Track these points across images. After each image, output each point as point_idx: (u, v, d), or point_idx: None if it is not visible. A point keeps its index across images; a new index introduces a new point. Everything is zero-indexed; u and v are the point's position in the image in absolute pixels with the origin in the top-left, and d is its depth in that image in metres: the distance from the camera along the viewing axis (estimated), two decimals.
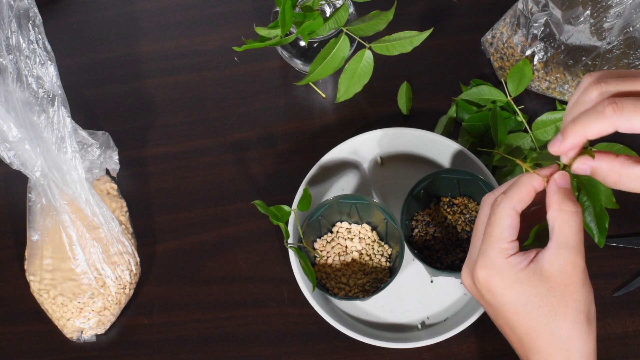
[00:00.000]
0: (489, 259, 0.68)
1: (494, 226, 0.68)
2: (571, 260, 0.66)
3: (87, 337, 0.93)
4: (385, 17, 0.89)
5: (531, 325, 0.67)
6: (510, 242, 0.68)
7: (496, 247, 0.68)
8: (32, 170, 0.87)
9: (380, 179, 0.97)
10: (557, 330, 0.67)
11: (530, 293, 0.67)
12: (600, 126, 0.64)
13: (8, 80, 0.85)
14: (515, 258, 0.68)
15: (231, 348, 0.93)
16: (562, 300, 0.67)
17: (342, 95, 0.93)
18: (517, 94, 0.95)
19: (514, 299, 0.67)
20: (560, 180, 0.68)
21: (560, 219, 0.67)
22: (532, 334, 0.68)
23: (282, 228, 0.86)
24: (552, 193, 0.68)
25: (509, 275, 0.67)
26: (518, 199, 0.68)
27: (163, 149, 1.01)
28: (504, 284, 0.68)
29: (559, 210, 0.67)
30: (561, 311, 0.67)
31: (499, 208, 0.68)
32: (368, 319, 0.92)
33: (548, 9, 0.91)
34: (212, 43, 1.05)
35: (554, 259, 0.66)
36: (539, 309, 0.67)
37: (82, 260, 0.90)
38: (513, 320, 0.68)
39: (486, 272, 0.68)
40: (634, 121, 0.62)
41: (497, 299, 0.69)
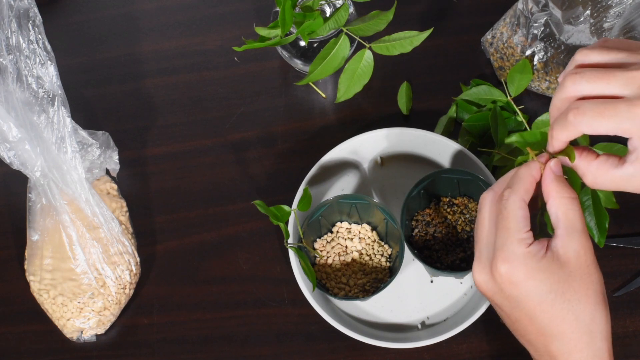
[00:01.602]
0: (510, 251, 0.69)
1: (509, 219, 0.69)
2: (583, 243, 0.68)
3: (87, 337, 0.93)
4: (385, 17, 0.89)
5: (555, 312, 0.68)
6: (527, 232, 0.69)
7: (515, 239, 0.69)
8: (32, 170, 0.87)
9: (380, 179, 0.97)
10: (581, 314, 0.68)
11: (553, 280, 0.68)
12: (567, 132, 0.65)
13: (8, 80, 0.85)
14: (534, 247, 0.69)
15: (231, 348, 0.93)
16: (583, 283, 0.68)
17: (342, 95, 0.93)
18: (517, 94, 0.95)
19: (537, 287, 0.68)
20: (555, 168, 0.69)
21: (564, 206, 0.68)
22: (556, 319, 0.68)
23: (282, 228, 0.86)
24: (550, 181, 0.69)
25: (531, 264, 0.68)
26: (524, 190, 0.70)
27: (163, 149, 1.01)
28: (528, 274, 0.68)
29: (560, 197, 0.68)
30: (583, 294, 0.68)
31: (509, 202, 0.69)
32: (368, 319, 0.92)
33: (548, 9, 0.91)
34: (212, 43, 1.05)
35: (568, 244, 0.68)
36: (562, 294, 0.68)
37: (82, 260, 0.90)
38: (536, 309, 0.69)
39: (508, 265, 0.69)
40: (596, 126, 0.63)
41: (520, 290, 0.69)
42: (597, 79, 0.64)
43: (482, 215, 0.72)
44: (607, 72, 0.64)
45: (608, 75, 0.63)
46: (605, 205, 0.92)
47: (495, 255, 0.69)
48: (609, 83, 0.63)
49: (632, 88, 0.62)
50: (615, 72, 0.63)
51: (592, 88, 0.64)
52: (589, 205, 0.92)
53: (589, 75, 0.64)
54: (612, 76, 0.63)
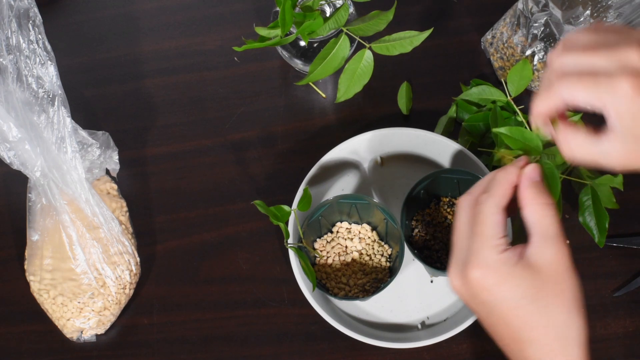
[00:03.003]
0: (483, 258, 0.69)
1: (484, 224, 0.69)
2: (557, 249, 0.67)
3: (87, 337, 0.93)
4: (385, 17, 0.89)
5: (528, 317, 0.68)
6: (501, 238, 0.69)
7: (488, 245, 0.69)
8: (32, 170, 0.87)
9: (380, 179, 0.97)
10: (553, 320, 0.68)
11: (526, 286, 0.68)
12: (548, 98, 0.65)
13: (8, 80, 0.85)
14: (507, 254, 0.68)
15: (231, 348, 0.93)
16: (556, 290, 0.68)
17: (342, 95, 0.93)
18: (517, 94, 0.95)
19: (510, 293, 0.68)
20: (531, 173, 0.69)
21: (538, 213, 0.68)
22: (529, 326, 0.69)
23: (282, 228, 0.86)
24: (525, 187, 0.69)
25: (504, 271, 0.68)
26: (500, 195, 0.69)
27: (163, 149, 1.01)
28: (500, 280, 0.68)
29: (535, 204, 0.68)
30: (556, 301, 0.68)
31: (484, 206, 0.69)
32: (368, 319, 0.92)
33: (548, 9, 0.91)
34: (212, 43, 1.05)
35: (541, 251, 0.68)
36: (535, 301, 0.68)
37: (82, 260, 0.90)
38: (509, 315, 0.69)
39: (481, 271, 0.69)
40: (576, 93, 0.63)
41: (493, 296, 0.69)
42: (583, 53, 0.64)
43: (459, 219, 0.72)
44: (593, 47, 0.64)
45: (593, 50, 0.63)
46: (605, 205, 0.92)
47: (469, 261, 0.70)
48: (593, 57, 0.63)
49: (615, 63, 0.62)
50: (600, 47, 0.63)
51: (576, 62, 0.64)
52: (589, 205, 0.92)
53: (575, 51, 0.64)
54: (596, 51, 0.63)
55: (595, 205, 0.91)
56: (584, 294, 0.93)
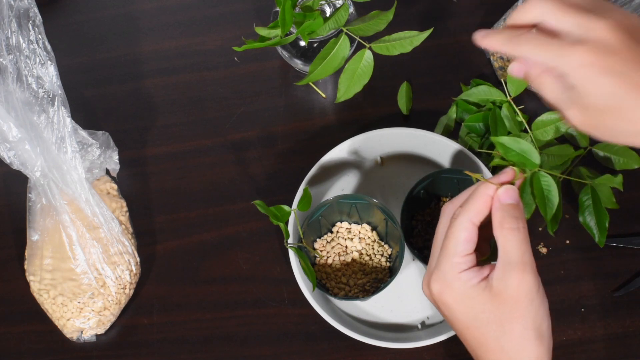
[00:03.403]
0: (442, 273, 0.69)
1: (450, 239, 0.69)
2: (517, 277, 0.67)
3: (87, 337, 0.93)
4: (385, 17, 0.89)
5: (482, 339, 0.69)
6: (464, 257, 0.69)
7: (449, 262, 0.69)
8: (32, 170, 0.87)
9: (380, 179, 0.97)
10: (506, 346, 0.68)
11: (479, 309, 0.68)
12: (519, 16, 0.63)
13: (8, 80, 0.85)
14: (467, 274, 0.68)
15: (231, 348, 0.93)
16: (510, 316, 0.67)
17: (342, 95, 0.93)
18: (517, 94, 0.95)
19: (464, 313, 0.68)
20: (503, 196, 0.68)
21: (502, 237, 0.68)
22: (482, 348, 0.69)
23: (282, 228, 0.86)
24: (495, 210, 0.68)
25: (460, 290, 0.69)
26: (475, 211, 0.69)
27: (163, 149, 1.01)
28: (454, 299, 0.69)
29: (501, 228, 0.68)
30: (509, 327, 0.67)
31: (456, 221, 0.69)
32: (368, 319, 0.92)
33: None
34: (212, 43, 1.05)
35: (502, 277, 0.68)
36: (487, 324, 0.68)
37: (82, 260, 0.90)
38: (465, 333, 0.70)
39: (438, 285, 0.70)
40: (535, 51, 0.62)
41: (449, 312, 0.70)
42: (556, 8, 0.62)
43: (438, 226, 0.72)
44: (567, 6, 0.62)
45: (566, 9, 0.61)
46: (605, 205, 0.92)
47: (433, 272, 0.70)
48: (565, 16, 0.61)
49: (582, 30, 0.60)
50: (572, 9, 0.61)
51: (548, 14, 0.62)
52: (589, 205, 0.92)
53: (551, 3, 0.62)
54: (569, 12, 0.61)
55: (595, 205, 0.91)
56: (584, 294, 0.93)
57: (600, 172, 0.93)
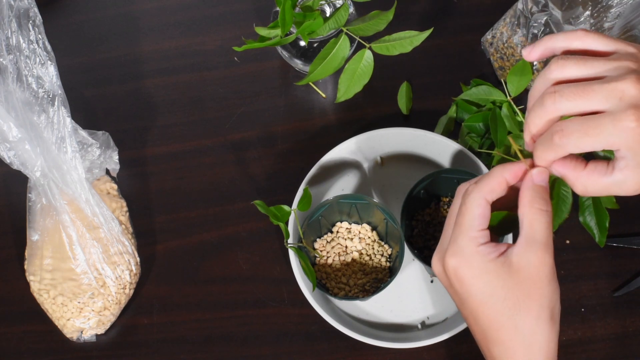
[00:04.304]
0: (459, 247, 0.69)
1: (464, 215, 0.69)
2: (539, 256, 0.67)
3: (87, 337, 0.93)
4: (385, 17, 0.89)
5: (495, 317, 0.68)
6: (480, 231, 0.69)
7: (466, 236, 0.69)
8: (32, 170, 0.87)
9: (380, 179, 0.97)
10: (520, 324, 0.67)
11: (497, 285, 0.67)
12: (554, 153, 0.65)
13: (8, 80, 0.85)
14: (485, 248, 0.68)
15: (231, 348, 0.93)
16: (528, 294, 0.67)
17: (342, 95, 0.93)
18: (517, 94, 0.95)
19: (480, 289, 0.68)
20: (537, 177, 0.68)
21: (531, 215, 0.67)
22: (495, 325, 0.68)
23: (282, 228, 0.86)
24: (526, 188, 0.68)
25: (478, 264, 0.68)
26: (489, 189, 0.69)
27: (163, 149, 1.01)
28: (473, 273, 0.68)
29: (530, 206, 0.68)
30: (525, 305, 0.67)
31: (469, 197, 0.69)
32: (368, 319, 0.92)
33: (548, 9, 0.91)
34: (212, 43, 1.05)
35: (523, 253, 0.67)
36: (504, 301, 0.67)
37: (82, 260, 0.90)
38: (478, 310, 0.69)
39: (456, 260, 0.69)
40: (582, 145, 0.63)
41: (464, 288, 0.69)
42: (577, 96, 0.63)
43: (453, 205, 0.72)
44: (587, 87, 0.62)
45: (588, 91, 0.62)
46: (605, 205, 0.92)
47: (448, 248, 0.70)
48: (590, 99, 0.62)
49: (613, 101, 0.61)
50: (594, 86, 0.62)
51: (574, 106, 0.63)
52: (589, 205, 0.92)
53: (568, 94, 0.63)
54: (592, 91, 0.62)
55: (595, 205, 0.91)
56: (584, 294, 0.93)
57: None
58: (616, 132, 0.61)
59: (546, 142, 0.65)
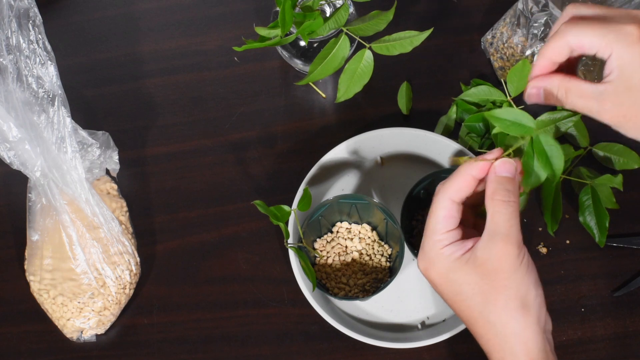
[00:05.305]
0: (425, 251, 0.70)
1: (430, 217, 0.70)
2: (501, 247, 0.67)
3: (87, 337, 0.93)
4: (385, 17, 0.89)
5: (468, 312, 0.69)
6: (445, 233, 0.69)
7: (431, 239, 0.70)
8: (32, 170, 0.87)
9: (380, 179, 0.97)
10: (491, 317, 0.68)
11: (463, 281, 0.68)
12: (555, 44, 0.66)
13: (8, 80, 0.85)
14: (449, 248, 0.69)
15: (231, 348, 0.93)
16: (493, 286, 0.67)
17: (342, 95, 0.93)
18: (517, 94, 0.95)
19: (450, 288, 0.69)
20: (499, 168, 0.69)
21: (492, 208, 0.68)
22: (471, 320, 0.69)
23: (282, 228, 0.86)
24: (489, 181, 0.69)
25: (443, 265, 0.69)
26: (455, 189, 0.69)
27: (163, 149, 1.01)
28: (439, 274, 0.69)
29: (492, 199, 0.68)
30: (492, 297, 0.67)
31: (435, 199, 0.70)
32: (368, 319, 0.92)
33: (548, 9, 0.91)
34: (212, 43, 1.05)
35: (486, 247, 0.68)
36: (472, 296, 0.68)
37: (82, 260, 0.90)
38: (454, 307, 0.70)
39: (423, 264, 0.71)
40: (582, 35, 0.64)
41: (438, 289, 0.71)
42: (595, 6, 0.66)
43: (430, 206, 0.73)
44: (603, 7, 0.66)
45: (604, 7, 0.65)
46: (605, 205, 0.92)
47: (419, 252, 0.71)
48: (604, 9, 0.65)
49: (625, 15, 0.64)
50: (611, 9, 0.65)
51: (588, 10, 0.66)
52: (589, 205, 0.92)
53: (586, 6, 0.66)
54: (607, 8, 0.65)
55: (595, 205, 0.91)
56: (584, 294, 0.93)
57: (600, 172, 0.93)
58: (618, 36, 0.63)
59: (552, 34, 0.66)
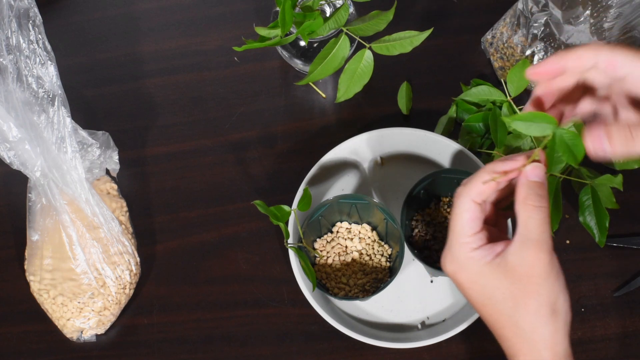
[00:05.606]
0: (453, 254, 0.69)
1: (455, 220, 0.69)
2: (533, 253, 0.67)
3: (87, 337, 0.93)
4: (385, 17, 0.89)
5: (497, 317, 0.69)
6: (472, 236, 0.69)
7: (457, 242, 0.69)
8: (32, 170, 0.87)
9: (380, 179, 0.97)
10: (521, 322, 0.68)
11: (495, 286, 0.68)
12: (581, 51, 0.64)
13: (8, 80, 0.85)
14: (479, 252, 0.68)
15: (231, 348, 0.93)
16: (525, 292, 0.67)
17: (342, 95, 0.93)
18: (516, 94, 0.95)
19: (479, 292, 0.68)
20: (530, 173, 0.68)
21: (524, 213, 0.67)
22: (498, 324, 0.69)
23: (282, 228, 0.86)
24: (520, 185, 0.68)
25: (473, 269, 0.68)
26: (476, 192, 0.69)
27: (163, 149, 1.01)
28: (469, 278, 0.69)
29: (523, 203, 0.67)
30: (523, 303, 0.67)
31: (457, 201, 0.69)
32: (368, 319, 0.92)
33: (548, 9, 0.91)
34: (212, 43, 1.05)
35: (518, 252, 0.67)
36: (503, 301, 0.68)
37: (82, 260, 0.90)
38: (481, 311, 0.70)
39: (452, 267, 0.70)
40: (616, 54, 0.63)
41: (465, 292, 0.70)
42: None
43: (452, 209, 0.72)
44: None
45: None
46: (605, 205, 0.92)
47: (445, 254, 0.70)
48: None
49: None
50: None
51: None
52: (589, 205, 0.92)
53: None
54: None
55: (595, 205, 0.91)
56: (584, 294, 0.93)
57: (600, 172, 0.93)
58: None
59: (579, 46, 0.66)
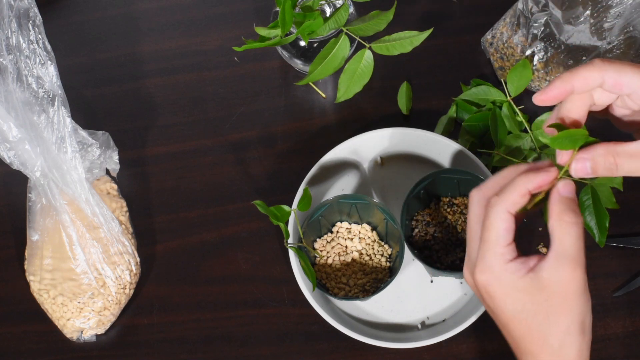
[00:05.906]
0: (487, 265, 0.68)
1: (490, 230, 0.68)
2: (569, 271, 0.66)
3: (87, 337, 0.93)
4: (385, 17, 0.89)
5: (526, 331, 0.68)
6: (507, 246, 0.68)
7: (493, 252, 0.68)
8: (32, 170, 0.87)
9: (380, 179, 0.97)
10: (551, 338, 0.67)
11: (527, 301, 0.67)
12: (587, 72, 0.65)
13: (8, 80, 0.85)
14: (514, 265, 0.68)
15: (231, 348, 0.93)
16: (558, 309, 0.67)
17: (342, 95, 0.93)
18: (516, 94, 0.95)
19: (511, 305, 0.68)
20: (563, 189, 0.68)
21: (560, 230, 0.67)
22: (526, 338, 0.68)
23: (282, 228, 0.86)
24: (554, 202, 0.67)
25: (508, 282, 0.68)
26: (512, 202, 0.68)
27: (163, 149, 1.01)
28: (503, 291, 0.68)
29: (559, 220, 0.67)
30: (555, 320, 0.67)
31: (492, 211, 0.68)
32: (368, 319, 0.92)
33: (548, 9, 0.91)
34: (212, 43, 1.05)
35: (553, 269, 0.67)
36: (534, 316, 0.67)
37: (82, 260, 0.90)
38: (509, 324, 0.69)
39: (485, 277, 0.69)
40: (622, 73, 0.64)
41: (495, 303, 0.69)
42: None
43: (471, 214, 0.72)
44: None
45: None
46: (605, 205, 0.91)
47: (477, 264, 0.69)
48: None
49: None
50: None
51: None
52: (589, 205, 0.92)
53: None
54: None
55: (595, 205, 0.91)
56: None
57: None
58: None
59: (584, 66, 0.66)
